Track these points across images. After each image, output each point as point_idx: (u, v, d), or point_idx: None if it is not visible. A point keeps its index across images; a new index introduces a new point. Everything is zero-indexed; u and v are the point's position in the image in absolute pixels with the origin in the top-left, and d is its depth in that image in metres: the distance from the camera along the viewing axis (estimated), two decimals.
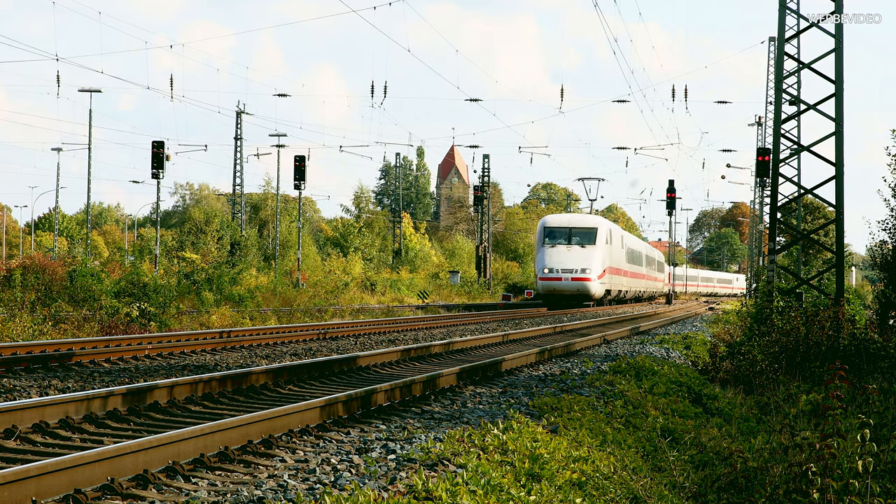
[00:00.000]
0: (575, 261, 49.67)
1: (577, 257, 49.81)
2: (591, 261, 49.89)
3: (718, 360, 19.67)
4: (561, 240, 50.95)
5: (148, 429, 8.91)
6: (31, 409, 8.67)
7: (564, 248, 50.27)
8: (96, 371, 13.20)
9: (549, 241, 51.05)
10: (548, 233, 51.69)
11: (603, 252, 51.19)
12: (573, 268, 49.51)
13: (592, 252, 50.19)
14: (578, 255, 49.97)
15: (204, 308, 27.73)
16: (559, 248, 50.38)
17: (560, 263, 49.64)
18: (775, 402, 14.49)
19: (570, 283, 49.45)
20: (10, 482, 5.97)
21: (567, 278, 49.35)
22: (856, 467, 7.54)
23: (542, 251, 51.08)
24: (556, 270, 49.57)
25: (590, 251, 50.23)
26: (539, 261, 51.20)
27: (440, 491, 6.53)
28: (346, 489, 6.41)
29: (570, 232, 51.16)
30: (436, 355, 17.29)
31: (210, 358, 15.65)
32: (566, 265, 49.55)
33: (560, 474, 7.94)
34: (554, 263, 49.71)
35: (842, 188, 22.06)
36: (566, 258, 49.72)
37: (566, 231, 51.38)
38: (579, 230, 51.47)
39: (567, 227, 51.77)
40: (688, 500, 8.96)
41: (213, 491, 6.73)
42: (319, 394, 11.17)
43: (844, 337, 18.47)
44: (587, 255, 50.04)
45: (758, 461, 9.47)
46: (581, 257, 49.85)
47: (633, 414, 11.85)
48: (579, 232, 51.27)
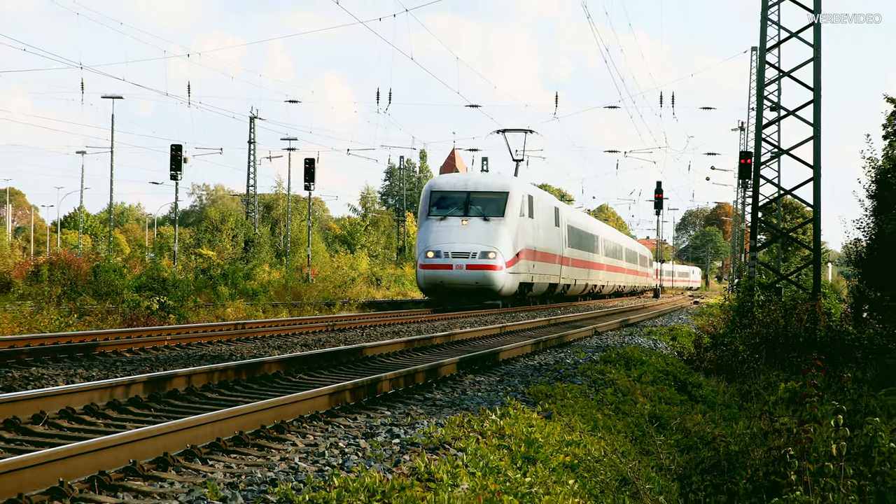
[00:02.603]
0: (472, 240, 32.33)
1: (475, 235, 32.51)
2: (498, 240, 32.51)
3: (702, 351, 19.70)
4: (454, 210, 33.22)
5: (167, 414, 8.92)
6: (58, 396, 8.69)
7: (458, 223, 32.71)
8: (119, 360, 13.22)
9: (436, 213, 33.38)
10: (436, 199, 33.90)
11: (516, 227, 33.68)
12: (469, 250, 32.08)
13: (500, 227, 32.78)
14: (478, 231, 32.62)
15: (219, 302, 27.72)
16: (451, 221, 32.80)
17: (450, 244, 32.15)
18: (756, 389, 14.51)
19: (464, 274, 32.08)
20: (39, 464, 6.00)
21: (460, 266, 32.00)
22: (830, 451, 7.56)
23: (426, 226, 33.36)
24: (443, 254, 32.06)
25: (496, 226, 32.79)
26: (421, 241, 33.34)
27: (441, 473, 6.55)
28: (353, 471, 6.43)
29: (467, 199, 33.48)
30: (437, 346, 17.30)
31: (225, 348, 15.67)
32: (459, 247, 32.13)
33: (554, 457, 7.96)
34: (441, 244, 32.15)
35: (819, 189, 22.08)
36: (460, 237, 32.39)
37: (462, 197, 33.59)
38: (481, 196, 33.70)
39: (463, 191, 33.83)
40: (673, 482, 8.98)
41: (228, 473, 6.75)
42: (328, 382, 11.18)
43: (821, 329, 18.49)
44: (491, 231, 32.68)
45: (739, 445, 9.49)
46: (482, 235, 32.54)
47: (623, 401, 11.87)
48: (481, 198, 33.58)
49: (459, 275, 32.10)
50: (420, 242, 33.40)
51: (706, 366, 18.47)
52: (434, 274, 32.37)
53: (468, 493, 6.28)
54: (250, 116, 63.71)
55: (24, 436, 7.87)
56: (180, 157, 40.57)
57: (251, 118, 63.62)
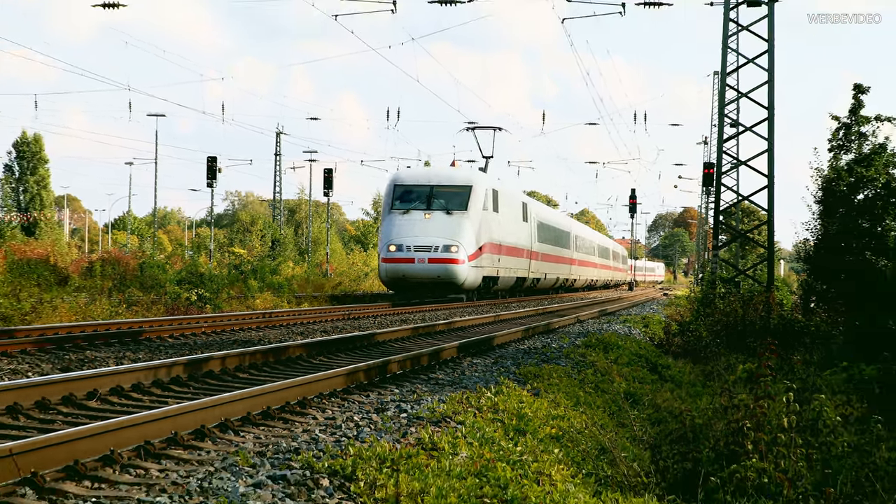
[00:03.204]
0: (435, 234, 28.72)
1: (438, 229, 28.88)
2: (460, 233, 28.82)
3: (671, 337, 19.73)
4: (417, 204, 29.65)
5: (204, 392, 8.94)
6: (109, 376, 8.71)
7: (421, 217, 29.13)
8: (162, 345, 13.23)
9: (399, 206, 29.75)
10: (399, 193, 30.20)
11: (480, 221, 30.01)
12: (431, 244, 28.48)
13: (462, 221, 29.09)
14: (441, 225, 29.00)
15: (249, 293, 27.69)
16: (414, 215, 29.24)
17: (412, 238, 28.68)
18: (717, 370, 14.52)
19: (426, 267, 28.54)
20: (93, 435, 6.01)
21: (422, 259, 28.46)
22: (782, 423, 7.58)
23: (389, 220, 29.67)
24: (405, 248, 28.60)
25: (459, 220, 29.09)
26: (384, 235, 29.56)
27: (443, 443, 6.56)
28: (366, 441, 6.44)
29: (430, 192, 29.83)
30: (440, 332, 17.30)
31: (255, 334, 15.67)
32: (421, 240, 28.60)
33: (541, 429, 7.97)
34: (404, 238, 28.72)
35: (772, 196, 22.11)
36: (422, 230, 28.84)
37: (425, 191, 29.91)
38: (444, 189, 29.98)
39: (426, 184, 30.13)
40: (646, 451, 8.99)
41: (257, 443, 6.76)
42: (345, 364, 11.20)
43: (774, 317, 18.51)
44: (454, 225, 28.98)
45: (703, 419, 9.49)
46: (444, 229, 28.91)
47: (601, 380, 11.88)
48: (444, 192, 29.89)
49: (422, 268, 28.55)
50: (383, 236, 29.41)
51: (674, 349, 18.50)
52: (396, 268, 28.82)
53: (466, 460, 6.29)
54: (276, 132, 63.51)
55: (79, 410, 7.89)
56: (215, 167, 40.66)
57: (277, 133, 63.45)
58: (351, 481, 5.42)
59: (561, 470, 6.93)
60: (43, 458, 5.53)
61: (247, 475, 5.45)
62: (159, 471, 5.89)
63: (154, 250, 45.03)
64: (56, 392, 7.99)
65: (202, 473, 5.59)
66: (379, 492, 5.27)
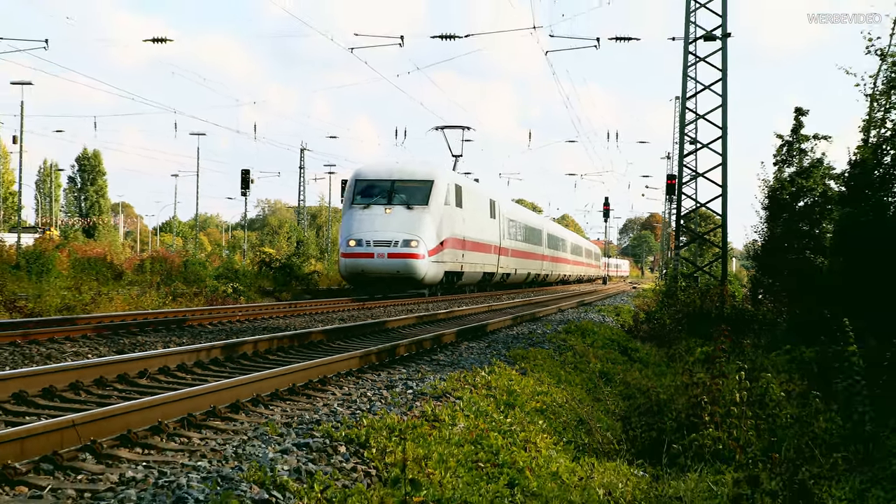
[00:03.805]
0: (395, 228, 24.88)
1: (398, 224, 25.02)
2: (420, 228, 24.94)
3: (639, 324, 19.70)
4: (378, 198, 25.60)
5: (239, 371, 8.93)
6: (157, 358, 8.70)
7: (382, 211, 25.17)
8: (202, 331, 13.22)
9: (360, 201, 25.70)
10: (360, 188, 26.05)
11: (441, 216, 25.91)
12: (391, 239, 24.63)
13: (423, 216, 25.15)
14: (401, 220, 25.10)
15: (277, 288, 27.72)
16: (374, 210, 25.21)
17: (372, 233, 24.76)
18: (679, 353, 14.51)
19: (385, 262, 24.57)
20: (143, 408, 6.00)
21: (381, 254, 24.54)
22: (735, 398, 7.57)
23: (350, 215, 25.58)
24: (365, 243, 24.62)
25: (419, 215, 25.14)
26: (343, 229, 25.55)
27: (444, 415, 6.55)
28: (377, 414, 6.43)
29: (391, 187, 25.81)
30: (441, 320, 17.29)
31: (282, 322, 15.66)
32: (380, 235, 24.70)
33: (528, 404, 7.96)
34: (364, 233, 24.79)
35: (726, 203, 22.11)
36: (382, 225, 24.93)
37: (386, 186, 25.86)
38: (406, 184, 25.95)
39: (388, 179, 26.06)
40: (617, 422, 8.98)
41: (284, 415, 6.75)
42: (359, 347, 11.18)
43: (727, 307, 18.50)
44: (414, 220, 25.07)
45: (666, 394, 9.49)
46: (404, 223, 25.00)
47: (580, 361, 11.88)
48: (405, 187, 25.89)
49: (381, 263, 24.47)
50: (343, 231, 25.40)
51: (642, 335, 18.48)
52: (355, 262, 24.66)
53: (463, 430, 6.28)
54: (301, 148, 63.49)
55: (131, 387, 7.88)
56: (248, 178, 40.67)
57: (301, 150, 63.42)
58: (364, 448, 5.41)
59: (545, 438, 6.93)
60: (100, 428, 5.53)
61: (275, 443, 5.44)
62: (200, 439, 5.88)
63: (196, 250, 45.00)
64: (112, 371, 7.99)
65: (237, 441, 5.58)
66: (388, 457, 5.26)
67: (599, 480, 6.22)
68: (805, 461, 6.00)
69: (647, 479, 6.71)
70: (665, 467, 7.08)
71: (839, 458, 6.23)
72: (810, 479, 4.05)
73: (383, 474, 5.03)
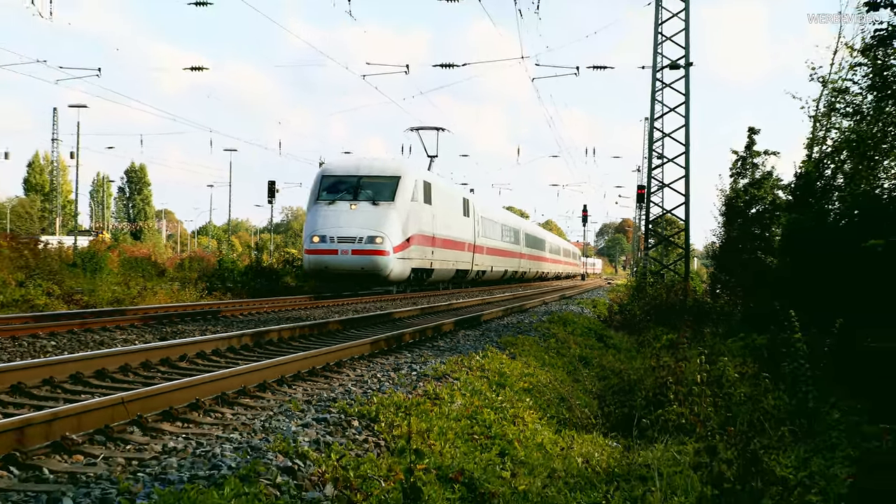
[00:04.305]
0: (360, 225, 21.47)
1: (363, 220, 21.58)
2: (386, 225, 21.55)
3: (613, 315, 19.69)
4: (344, 194, 22.17)
5: (266, 356, 8.93)
6: (195, 344, 8.71)
7: (347, 207, 21.74)
8: (234, 321, 13.21)
9: (326, 197, 22.27)
10: (326, 184, 22.63)
11: (408, 212, 22.42)
12: (355, 235, 21.30)
13: (389, 212, 21.73)
14: (367, 216, 21.63)
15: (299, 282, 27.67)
16: (340, 206, 21.80)
17: (336, 228, 21.40)
18: (647, 340, 14.52)
19: (350, 259, 21.24)
20: (183, 388, 6.01)
21: (346, 251, 21.21)
22: (696, 379, 7.57)
23: (315, 211, 22.15)
24: (329, 239, 21.32)
25: (385, 211, 21.72)
26: (308, 226, 22.15)
27: (444, 394, 6.56)
28: (386, 392, 6.43)
29: (357, 183, 22.40)
30: (441, 311, 17.27)
31: (304, 313, 15.64)
32: (345, 231, 21.34)
33: (517, 384, 7.97)
34: (328, 228, 21.45)
35: (688, 209, 22.12)
36: (347, 220, 21.53)
37: (353, 181, 22.43)
38: (372, 180, 22.48)
39: (354, 175, 22.64)
40: (594, 399, 8.99)
41: (305, 393, 6.76)
42: (370, 335, 11.18)
43: (689, 300, 18.51)
44: (380, 216, 21.63)
45: (637, 375, 9.50)
46: (370, 220, 21.58)
47: (561, 347, 11.88)
48: (372, 183, 22.44)
49: (345, 260, 20.97)
50: (307, 227, 21.79)
51: (615, 324, 18.48)
52: (319, 259, 21.19)
53: (460, 406, 6.28)
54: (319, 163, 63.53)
55: (172, 369, 7.88)
56: (274, 189, 40.75)
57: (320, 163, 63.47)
58: (375, 423, 5.41)
59: (531, 414, 6.93)
60: (146, 405, 5.53)
61: (297, 418, 5.44)
62: (232, 414, 5.88)
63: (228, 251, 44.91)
64: (156, 356, 7.99)
65: (264, 416, 5.58)
66: (395, 430, 5.26)
67: (578, 450, 6.22)
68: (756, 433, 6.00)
69: (619, 449, 6.71)
70: (635, 439, 7.08)
71: (786, 430, 6.24)
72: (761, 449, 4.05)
73: (391, 445, 5.03)
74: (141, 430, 5.24)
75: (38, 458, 4.45)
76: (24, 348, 8.74)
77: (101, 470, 4.25)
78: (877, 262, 8.85)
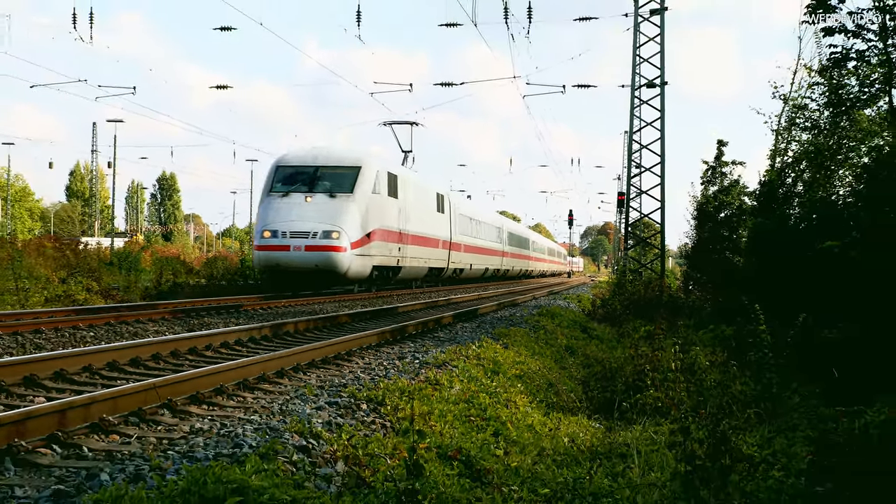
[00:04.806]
0: (314, 218, 17.09)
1: (318, 213, 17.18)
2: (342, 218, 17.21)
3: (596, 308, 19.68)
4: (299, 186, 17.77)
5: (283, 346, 8.92)
6: (220, 335, 8.69)
7: (302, 200, 17.29)
8: (255, 314, 13.18)
9: (280, 189, 17.89)
10: (281, 175, 18.21)
11: (367, 205, 18.10)
12: (309, 230, 16.96)
13: (346, 205, 17.39)
14: (322, 209, 17.24)
15: None
16: (294, 198, 17.44)
17: (288, 223, 17.04)
18: (627, 331, 14.50)
19: (302, 255, 16.90)
20: (208, 374, 5.99)
21: (298, 247, 16.85)
22: (671, 366, 7.56)
23: (266, 204, 17.73)
24: (281, 234, 16.99)
25: (342, 203, 17.37)
26: (259, 220, 17.77)
27: (443, 380, 6.54)
28: (391, 379, 6.42)
29: (314, 173, 17.99)
30: (441, 305, 17.24)
31: (317, 307, 15.59)
32: (298, 225, 16.99)
33: (509, 371, 7.95)
34: (280, 223, 17.09)
35: (664, 214, 22.11)
36: (301, 214, 17.15)
37: (309, 172, 18.03)
38: (330, 171, 18.07)
39: (311, 165, 18.19)
40: (579, 385, 8.98)
41: (318, 379, 6.74)
42: (377, 327, 11.16)
43: (665, 296, 18.49)
44: (336, 209, 17.28)
45: (617, 363, 9.48)
46: (325, 213, 17.20)
47: (549, 338, 11.86)
48: (330, 173, 18.02)
49: (297, 257, 16.90)
50: (258, 222, 17.72)
51: (598, 317, 18.47)
52: (269, 256, 17.08)
53: (458, 391, 6.27)
54: None
55: (199, 357, 7.86)
56: None
57: None
58: (381, 406, 5.40)
59: (522, 398, 6.92)
60: (175, 389, 5.52)
61: (311, 401, 5.43)
62: (253, 398, 5.87)
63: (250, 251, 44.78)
64: (184, 345, 7.97)
65: (281, 400, 5.57)
66: (400, 413, 5.25)
67: (565, 431, 6.21)
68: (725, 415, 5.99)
69: (602, 429, 6.71)
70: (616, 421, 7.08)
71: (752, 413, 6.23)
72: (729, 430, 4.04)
73: (396, 426, 5.02)
74: (170, 412, 5.23)
75: (78, 438, 4.44)
76: (66, 338, 8.73)
77: (134, 448, 4.24)
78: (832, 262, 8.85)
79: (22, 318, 10.43)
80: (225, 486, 3.11)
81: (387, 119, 24.66)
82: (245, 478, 3.22)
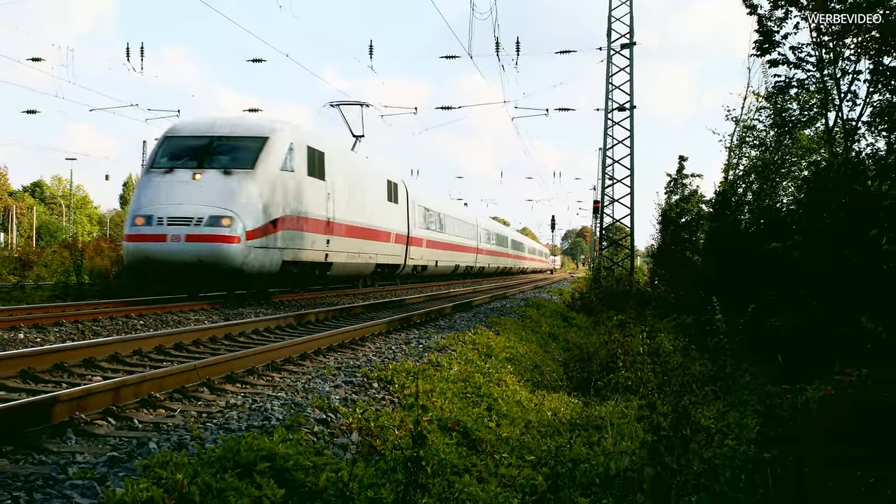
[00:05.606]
0: (200, 201, 8.83)
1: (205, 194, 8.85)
2: (238, 200, 9.13)
3: (575, 301, 19.65)
4: (187, 160, 9.49)
5: (307, 333, 8.89)
6: (251, 323, 8.67)
7: (188, 177, 8.81)
8: (281, 305, 13.15)
9: (164, 164, 9.72)
10: (168, 148, 10.10)
11: (274, 185, 10.23)
12: (192, 215, 8.92)
13: (243, 183, 9.20)
14: (212, 189, 8.89)
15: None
16: (178, 175, 9.11)
17: (166, 206, 8.86)
18: (602, 320, 14.48)
19: (182, 248, 9.00)
20: (241, 357, 5.98)
21: (177, 236, 8.84)
22: (639, 350, 7.55)
23: (144, 183, 9.61)
24: (156, 221, 8.93)
25: (238, 182, 9.15)
26: (132, 203, 9.55)
27: (443, 362, 6.53)
28: (399, 361, 6.41)
29: (209, 145, 9.82)
30: (442, 298, 17.22)
31: (335, 300, 15.56)
32: (177, 209, 8.82)
33: (500, 354, 7.94)
34: (156, 206, 8.93)
35: (633, 219, 22.09)
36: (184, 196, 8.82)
37: (203, 143, 9.81)
38: (229, 142, 9.89)
39: (206, 135, 9.94)
40: (560, 367, 8.96)
41: (336, 361, 6.72)
42: (386, 317, 11.15)
43: (634, 290, 18.47)
44: (230, 188, 9.00)
45: (593, 348, 9.47)
46: (215, 194, 8.94)
47: (535, 326, 11.85)
48: (229, 145, 9.83)
49: (176, 249, 10.20)
50: (132, 205, 10.66)
51: (577, 308, 18.44)
52: (139, 248, 10.37)
53: (457, 372, 6.26)
54: None
55: (234, 343, 7.85)
56: None
57: None
58: (390, 384, 5.39)
59: (512, 377, 6.91)
60: (212, 370, 5.51)
61: (330, 380, 5.42)
62: (279, 378, 5.86)
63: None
64: (221, 332, 7.95)
65: (304, 379, 5.56)
66: (406, 390, 5.24)
67: (548, 406, 6.20)
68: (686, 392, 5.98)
69: (580, 404, 6.69)
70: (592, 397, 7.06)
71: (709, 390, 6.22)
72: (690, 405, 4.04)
73: (403, 402, 5.01)
74: (209, 390, 5.22)
75: (129, 412, 4.43)
76: (120, 326, 8.71)
77: (178, 421, 4.23)
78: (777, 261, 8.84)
79: (81, 308, 10.41)
80: (256, 454, 3.11)
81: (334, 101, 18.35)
82: (273, 446, 3.22)
